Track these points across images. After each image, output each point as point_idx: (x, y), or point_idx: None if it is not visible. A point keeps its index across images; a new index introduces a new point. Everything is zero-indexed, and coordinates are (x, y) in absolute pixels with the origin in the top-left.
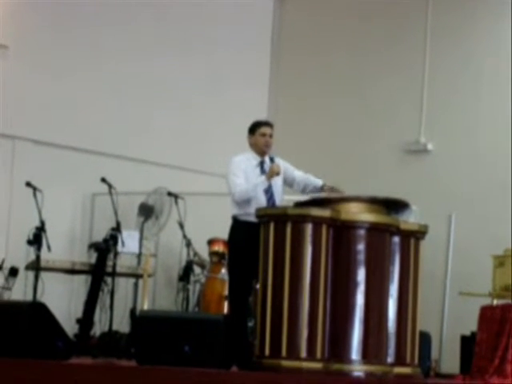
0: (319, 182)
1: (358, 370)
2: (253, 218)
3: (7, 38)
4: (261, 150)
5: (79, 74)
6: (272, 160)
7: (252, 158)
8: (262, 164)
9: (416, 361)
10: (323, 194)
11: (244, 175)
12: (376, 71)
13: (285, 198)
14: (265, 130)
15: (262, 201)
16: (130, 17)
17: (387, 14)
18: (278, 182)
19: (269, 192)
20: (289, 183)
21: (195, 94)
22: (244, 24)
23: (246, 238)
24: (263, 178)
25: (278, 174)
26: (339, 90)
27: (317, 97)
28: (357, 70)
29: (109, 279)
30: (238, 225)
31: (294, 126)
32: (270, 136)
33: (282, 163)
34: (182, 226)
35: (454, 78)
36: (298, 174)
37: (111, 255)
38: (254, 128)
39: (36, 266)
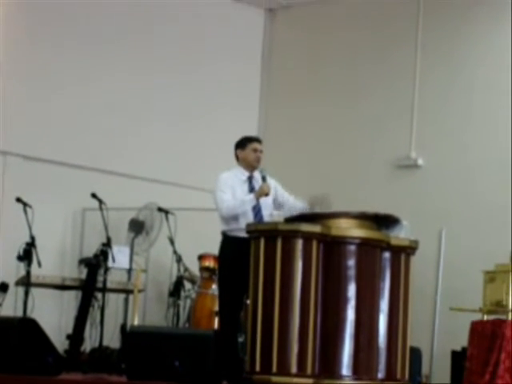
0: (304, 206)
1: None
2: (242, 234)
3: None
4: (250, 165)
5: (71, 90)
6: (264, 179)
7: (240, 174)
8: (250, 179)
9: (407, 376)
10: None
11: (231, 191)
12: (366, 86)
13: (274, 214)
14: (256, 145)
15: (249, 216)
16: (122, 33)
17: (377, 28)
18: (267, 200)
19: (256, 208)
20: (277, 206)
21: (186, 109)
22: (234, 38)
23: (235, 254)
24: (252, 196)
25: (267, 195)
26: (329, 104)
27: (307, 111)
28: (347, 85)
29: (99, 295)
30: (227, 240)
31: (284, 140)
32: (261, 151)
33: (273, 184)
34: (172, 241)
35: (444, 93)
36: (288, 199)
37: (101, 271)
38: (245, 143)
39: (26, 282)
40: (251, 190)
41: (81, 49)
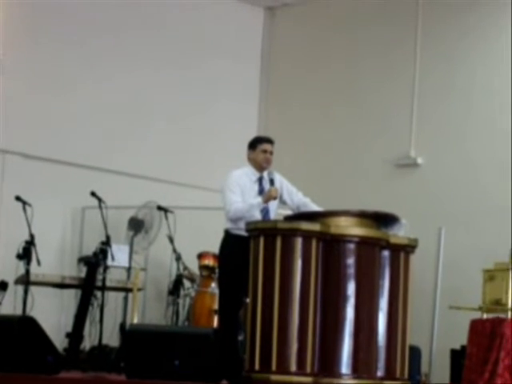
0: (312, 205)
1: None
2: (244, 232)
3: (0, 52)
4: (260, 166)
5: (70, 89)
6: (272, 182)
7: (251, 174)
8: (260, 180)
9: (406, 375)
10: None
11: (240, 191)
12: (366, 85)
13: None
14: (266, 146)
15: (257, 217)
16: (122, 32)
17: (377, 27)
18: (274, 202)
19: (264, 210)
20: (285, 202)
21: (185, 107)
22: (234, 37)
23: (236, 251)
24: (260, 199)
25: (275, 198)
26: (329, 103)
27: (307, 110)
28: (347, 83)
29: (98, 293)
30: (229, 238)
31: (284, 138)
32: (271, 153)
33: (284, 184)
34: (171, 239)
35: (444, 92)
36: (298, 198)
37: (101, 269)
38: (255, 144)
39: (25, 280)
40: (261, 191)
41: (81, 48)
